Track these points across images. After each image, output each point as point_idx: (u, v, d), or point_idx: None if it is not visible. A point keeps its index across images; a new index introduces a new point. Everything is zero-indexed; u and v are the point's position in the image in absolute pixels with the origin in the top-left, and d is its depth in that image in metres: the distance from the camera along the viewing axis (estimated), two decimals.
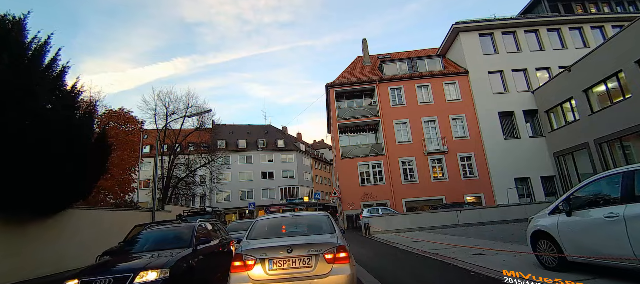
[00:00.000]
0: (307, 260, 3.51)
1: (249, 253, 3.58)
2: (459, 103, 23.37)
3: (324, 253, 3.54)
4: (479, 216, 15.58)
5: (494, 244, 8.07)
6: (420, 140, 22.54)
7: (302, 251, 3.53)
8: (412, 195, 21.54)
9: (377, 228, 14.51)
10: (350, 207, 21.48)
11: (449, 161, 22.05)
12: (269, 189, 46.03)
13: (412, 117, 22.98)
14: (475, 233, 12.10)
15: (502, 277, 3.96)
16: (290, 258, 3.51)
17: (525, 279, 3.61)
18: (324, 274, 3.44)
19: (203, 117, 30.01)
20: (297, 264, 3.50)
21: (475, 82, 23.69)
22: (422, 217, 15.47)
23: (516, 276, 3.68)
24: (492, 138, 22.44)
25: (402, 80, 23.79)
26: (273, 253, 3.55)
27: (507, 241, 8.70)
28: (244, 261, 3.52)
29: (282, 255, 3.51)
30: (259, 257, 3.52)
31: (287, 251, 3.51)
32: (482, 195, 21.55)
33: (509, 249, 7.04)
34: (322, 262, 3.50)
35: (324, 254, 3.53)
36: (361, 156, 22.55)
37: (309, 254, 3.53)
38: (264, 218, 5.07)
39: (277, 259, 3.52)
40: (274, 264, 3.50)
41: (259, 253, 3.57)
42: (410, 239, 11.59)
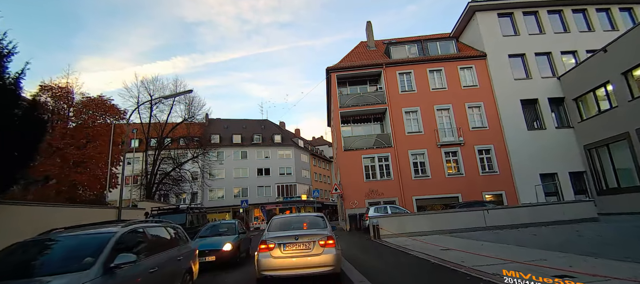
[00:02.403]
0: (308, 245, 5.40)
1: (270, 240, 5.47)
2: (476, 90, 20.75)
3: (318, 240, 5.41)
4: (509, 217, 12.99)
5: (571, 260, 5.49)
6: (432, 130, 19.91)
7: (305, 239, 5.44)
8: (424, 192, 18.91)
9: (388, 230, 11.90)
10: (354, 205, 18.85)
11: (465, 155, 19.43)
12: (265, 186, 43.37)
13: (424, 105, 20.34)
14: (514, 239, 9.53)
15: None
16: (297, 243, 5.41)
17: (525, 280, 3.58)
18: (318, 253, 5.33)
19: (194, 108, 27.51)
20: (301, 247, 5.39)
21: (494, 67, 21.09)
22: (441, 218, 12.86)
23: (516, 276, 3.65)
24: (513, 129, 19.84)
25: (412, 63, 21.14)
26: (286, 240, 5.45)
27: (582, 253, 6.12)
28: (268, 245, 5.42)
29: (292, 241, 5.42)
30: (277, 242, 5.42)
31: (295, 239, 5.44)
32: (503, 192, 18.94)
33: (625, 277, 4.36)
34: (317, 246, 5.38)
35: (319, 241, 5.40)
36: (366, 148, 19.90)
37: (309, 241, 5.42)
38: (278, 217, 7.00)
39: (288, 244, 5.41)
40: (287, 247, 5.39)
41: (277, 240, 5.46)
42: (433, 245, 8.99)
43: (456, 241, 9.99)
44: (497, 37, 21.63)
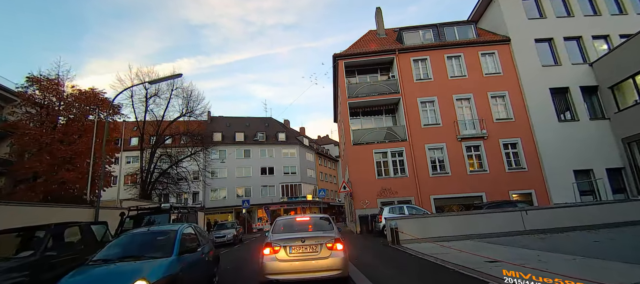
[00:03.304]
0: (315, 247, 5.10)
1: (276, 242, 5.20)
2: (500, 78, 18.73)
3: (326, 243, 5.12)
4: (550, 219, 11.00)
5: None
6: (452, 122, 17.92)
7: (311, 242, 5.16)
8: (443, 191, 16.94)
9: (409, 234, 10.00)
10: (364, 205, 16.95)
11: (489, 149, 17.41)
12: (268, 186, 41.57)
13: (441, 94, 18.36)
14: (573, 247, 7.59)
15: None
16: (304, 245, 5.12)
17: (525, 280, 3.49)
18: (325, 256, 5.04)
19: (192, 102, 25.91)
20: (308, 250, 5.10)
21: (519, 52, 19.07)
22: (471, 220, 10.91)
23: (516, 276, 3.59)
24: (543, 121, 17.80)
25: (428, 49, 19.17)
26: (292, 242, 5.16)
27: None
28: (273, 247, 5.14)
29: (298, 244, 5.13)
30: (283, 245, 5.13)
31: (301, 241, 5.15)
32: (533, 191, 16.89)
33: None
34: (325, 249, 5.09)
35: (326, 244, 5.12)
36: (377, 142, 17.98)
37: (316, 244, 5.12)
38: (282, 218, 6.67)
39: (294, 246, 5.12)
40: (293, 249, 5.10)
41: (283, 242, 5.18)
42: (473, 255, 7.07)
43: (498, 249, 8.06)
44: (521, 19, 19.63)
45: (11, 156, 18.68)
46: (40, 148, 16.92)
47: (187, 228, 5.38)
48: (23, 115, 17.76)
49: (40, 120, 17.69)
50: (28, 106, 17.53)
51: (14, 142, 18.08)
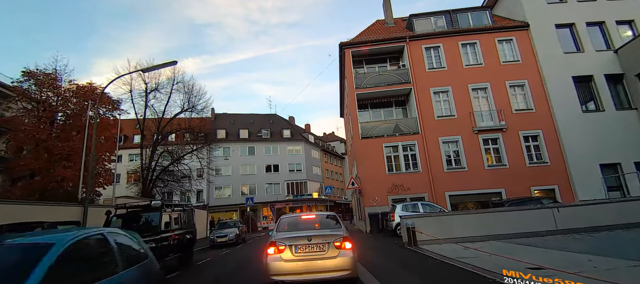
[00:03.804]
0: (322, 246, 4.80)
1: (281, 241, 4.89)
2: (519, 66, 17.50)
3: (333, 242, 4.83)
4: (584, 218, 9.87)
5: None
6: (467, 113, 16.76)
7: (318, 240, 4.85)
8: (459, 187, 15.81)
9: (427, 234, 8.96)
10: (375, 203, 15.90)
11: (508, 142, 16.23)
12: (273, 184, 40.70)
13: (456, 84, 17.20)
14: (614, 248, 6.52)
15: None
16: (310, 244, 4.81)
17: (525, 280, 3.49)
18: (333, 256, 4.75)
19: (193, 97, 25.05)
20: (315, 249, 4.79)
21: (539, 38, 17.82)
22: (496, 218, 9.80)
23: (516, 276, 3.54)
24: (566, 111, 16.57)
25: (441, 36, 17.99)
26: (298, 241, 4.86)
27: None
28: (277, 246, 4.83)
29: (304, 243, 4.83)
30: (288, 244, 4.83)
31: (307, 240, 4.85)
32: (556, 187, 15.69)
33: None
34: (333, 248, 4.79)
35: (334, 243, 4.82)
36: (387, 135, 16.90)
37: (324, 242, 4.83)
38: (287, 216, 6.54)
39: (300, 245, 4.81)
40: (299, 248, 4.80)
41: (288, 241, 4.88)
42: (511, 259, 6.02)
43: (535, 252, 6.99)
44: (540, 4, 18.39)
45: (7, 153, 18.07)
46: (37, 145, 16.33)
47: (89, 237, 2.90)
48: (19, 111, 17.12)
49: (37, 116, 17.08)
50: (24, 101, 16.94)
51: (9, 138, 17.46)
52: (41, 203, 10.76)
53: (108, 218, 7.98)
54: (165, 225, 8.33)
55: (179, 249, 8.95)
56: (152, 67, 11.70)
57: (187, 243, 9.41)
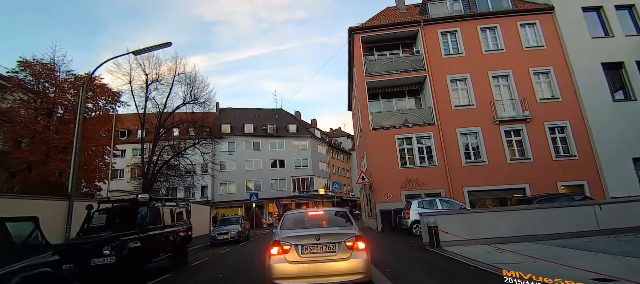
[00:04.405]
0: (332, 246, 4.19)
1: (285, 240, 4.27)
2: (543, 52, 16.15)
3: (345, 241, 4.20)
4: (632, 216, 8.62)
5: None
6: (488, 102, 15.49)
7: (327, 239, 4.22)
8: (478, 182, 14.59)
9: (452, 234, 7.83)
10: (386, 199, 14.79)
11: (532, 134, 14.95)
12: (279, 180, 39.78)
13: (475, 71, 15.91)
14: None
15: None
16: (318, 244, 4.19)
17: (525, 279, 3.39)
18: (345, 258, 4.13)
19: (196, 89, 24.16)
20: (324, 249, 4.18)
21: (564, 22, 16.43)
22: (529, 217, 8.59)
23: (516, 276, 3.46)
24: (595, 100, 15.22)
25: (458, 20, 16.68)
26: (305, 240, 4.24)
27: None
28: (281, 246, 4.22)
29: (312, 242, 4.20)
30: (293, 243, 4.22)
31: (316, 239, 4.22)
32: (585, 182, 14.38)
33: None
34: (344, 248, 4.17)
35: (345, 242, 4.19)
36: (399, 126, 15.72)
37: (334, 242, 4.20)
38: (292, 212, 5.74)
39: (308, 245, 4.20)
40: (306, 249, 4.19)
41: (294, 240, 4.26)
42: (564, 267, 4.91)
43: (588, 257, 5.84)
44: None
45: (6, 145, 17.49)
46: (33, 137, 15.70)
47: None
48: (14, 102, 16.49)
49: (33, 107, 16.47)
50: (20, 92, 16.34)
51: (5, 130, 16.83)
52: (20, 196, 9.91)
53: (89, 214, 7.04)
54: (155, 221, 7.35)
55: (171, 248, 7.98)
56: (145, 49, 10.74)
57: (181, 242, 8.42)
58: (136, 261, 6.20)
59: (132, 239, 6.27)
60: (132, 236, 6.31)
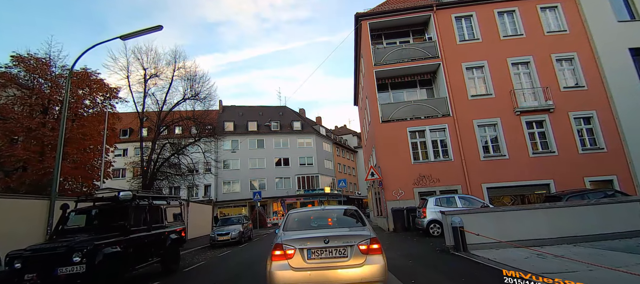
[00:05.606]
0: (343, 251, 3.60)
1: (289, 243, 3.70)
2: (566, 37, 14.97)
3: (358, 245, 3.61)
4: None
5: None
6: (507, 92, 14.36)
7: (338, 242, 3.63)
8: (498, 178, 13.48)
9: (481, 236, 6.80)
10: (398, 196, 13.76)
11: (556, 125, 13.80)
12: (284, 178, 38.88)
13: (493, 58, 14.79)
14: None
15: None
16: (327, 248, 3.60)
17: (525, 279, 3.21)
18: (359, 264, 3.54)
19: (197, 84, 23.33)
20: (334, 254, 3.60)
21: (588, 5, 15.24)
22: (567, 216, 7.50)
23: (516, 276, 3.26)
24: (623, 89, 14.02)
25: (474, 3, 15.54)
26: (311, 243, 3.65)
27: None
28: (284, 251, 3.64)
29: (320, 245, 3.61)
30: (298, 247, 3.63)
31: (324, 242, 3.61)
32: (615, 177, 13.21)
33: None
34: (357, 253, 3.58)
35: (358, 246, 3.61)
36: (411, 118, 14.67)
37: (345, 246, 3.62)
38: (296, 211, 5.07)
39: (315, 249, 3.62)
40: (313, 253, 3.61)
41: (299, 243, 3.67)
42: (631, 275, 3.86)
43: None
44: None
45: None
46: (28, 134, 15.03)
47: None
48: (8, 98, 15.85)
49: (28, 104, 15.82)
50: (13, 88, 15.70)
51: None
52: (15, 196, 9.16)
53: (64, 214, 6.14)
54: (140, 221, 6.43)
55: (160, 252, 7.06)
56: (133, 33, 9.84)
57: (172, 244, 7.48)
58: (114, 269, 5.28)
59: (110, 243, 5.35)
60: (110, 240, 5.40)
